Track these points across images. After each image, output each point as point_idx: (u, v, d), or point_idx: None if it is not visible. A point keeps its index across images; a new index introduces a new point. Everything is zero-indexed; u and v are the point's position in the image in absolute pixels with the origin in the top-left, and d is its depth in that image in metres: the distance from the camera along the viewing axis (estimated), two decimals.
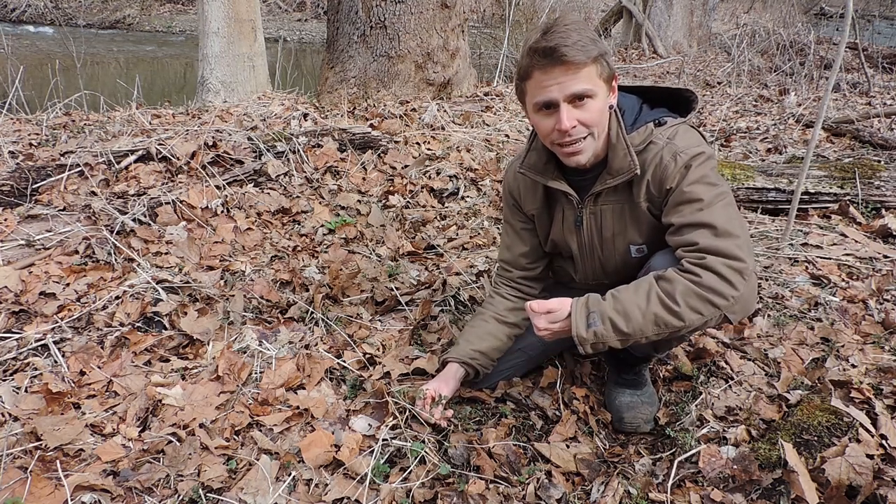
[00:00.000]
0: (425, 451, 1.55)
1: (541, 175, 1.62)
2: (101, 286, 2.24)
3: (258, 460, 1.53)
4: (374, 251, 2.74)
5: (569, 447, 1.64)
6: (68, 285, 2.21)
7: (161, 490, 1.46)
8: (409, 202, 3.24)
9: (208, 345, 2.00)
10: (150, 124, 3.63)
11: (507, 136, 4.04)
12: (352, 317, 2.19)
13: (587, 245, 1.67)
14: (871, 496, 1.33)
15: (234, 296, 2.24)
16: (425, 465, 1.53)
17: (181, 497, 1.44)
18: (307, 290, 2.36)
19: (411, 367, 1.90)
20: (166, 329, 2.06)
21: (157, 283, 2.21)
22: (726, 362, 1.88)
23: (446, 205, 3.27)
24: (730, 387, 1.78)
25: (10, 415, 1.64)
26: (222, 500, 1.44)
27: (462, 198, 3.32)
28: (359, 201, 3.16)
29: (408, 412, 1.65)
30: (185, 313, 2.10)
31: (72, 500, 1.40)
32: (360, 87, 4.62)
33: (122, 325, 2.04)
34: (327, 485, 1.49)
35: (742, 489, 1.44)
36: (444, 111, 4.29)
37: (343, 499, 1.46)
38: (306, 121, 3.81)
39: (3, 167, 2.75)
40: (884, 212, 2.96)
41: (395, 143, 3.71)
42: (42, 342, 1.93)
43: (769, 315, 2.09)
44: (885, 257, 2.47)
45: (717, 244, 1.37)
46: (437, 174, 3.45)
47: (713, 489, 1.44)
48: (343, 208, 3.11)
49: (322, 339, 2.05)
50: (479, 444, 1.61)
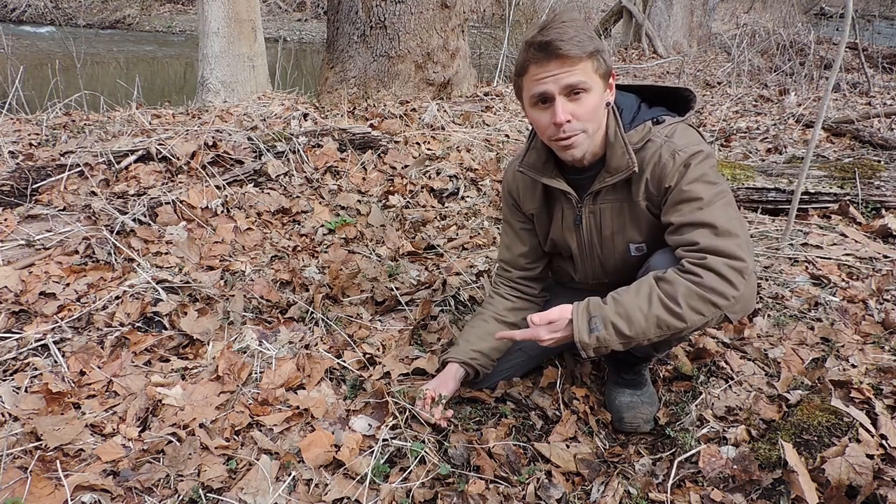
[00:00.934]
0: (425, 451, 1.55)
1: (540, 174, 1.62)
2: (101, 286, 2.24)
3: (258, 460, 1.53)
4: (374, 251, 2.74)
5: (569, 447, 1.64)
6: (68, 285, 2.21)
7: (161, 490, 1.46)
8: (409, 202, 3.24)
9: (208, 345, 2.00)
10: (150, 124, 3.63)
11: (507, 136, 4.04)
12: (352, 317, 2.19)
13: (586, 244, 1.67)
14: (871, 496, 1.33)
15: (234, 296, 2.24)
16: (425, 465, 1.53)
17: (181, 497, 1.44)
18: (307, 290, 2.36)
19: (411, 367, 1.90)
20: (166, 329, 2.06)
21: (157, 283, 2.21)
22: (726, 362, 1.88)
23: (446, 205, 3.27)
24: (730, 387, 1.78)
25: (10, 415, 1.64)
26: (222, 500, 1.44)
27: (462, 198, 3.32)
28: (359, 201, 3.16)
29: (408, 412, 1.65)
30: (185, 313, 2.10)
31: (72, 500, 1.40)
32: (360, 87, 4.62)
33: (122, 325, 2.04)
34: (327, 485, 1.49)
35: (742, 489, 1.44)
36: (444, 111, 4.29)
37: (343, 499, 1.46)
38: (306, 121, 3.81)
39: (3, 167, 2.75)
40: (884, 212, 2.96)
41: (395, 143, 3.71)
42: (42, 342, 1.93)
43: (769, 315, 2.09)
44: (885, 257, 2.47)
45: (717, 244, 1.37)
46: (437, 174, 3.45)
47: (713, 489, 1.44)
48: (343, 208, 3.11)
49: (322, 339, 2.05)
50: (479, 444, 1.61)
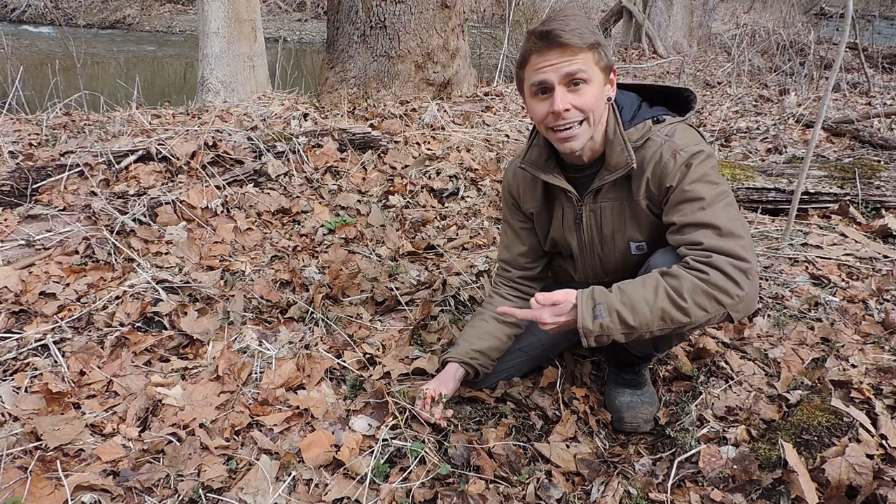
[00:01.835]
0: (425, 451, 1.55)
1: (541, 171, 1.62)
2: (101, 286, 2.24)
3: (258, 460, 1.53)
4: (374, 251, 2.74)
5: (569, 447, 1.64)
6: (68, 285, 2.21)
7: (161, 490, 1.46)
8: (409, 202, 3.24)
9: (208, 345, 2.00)
10: (150, 124, 3.63)
11: (507, 136, 4.04)
12: (352, 317, 2.19)
13: (587, 243, 1.67)
14: (871, 496, 1.33)
15: (234, 296, 2.24)
16: (425, 465, 1.53)
17: (181, 497, 1.44)
18: (307, 290, 2.36)
19: (411, 367, 1.90)
20: (166, 329, 2.06)
21: (157, 283, 2.21)
22: (726, 362, 1.88)
23: (446, 205, 3.27)
24: (730, 387, 1.78)
25: (10, 415, 1.64)
26: (222, 500, 1.44)
27: (462, 198, 3.32)
28: (359, 201, 3.16)
29: (408, 412, 1.65)
30: (185, 313, 2.10)
31: (72, 500, 1.40)
32: (360, 87, 4.62)
33: (122, 325, 2.04)
34: (327, 485, 1.49)
35: (742, 489, 1.44)
36: (444, 111, 4.29)
37: (343, 499, 1.46)
38: (306, 121, 3.81)
39: (3, 167, 2.75)
40: (884, 212, 2.96)
41: (395, 143, 3.71)
42: (42, 342, 1.93)
43: (769, 315, 2.09)
44: (885, 257, 2.47)
45: (721, 244, 1.38)
46: (437, 174, 3.45)
47: (713, 489, 1.44)
48: (343, 208, 3.11)
49: (322, 339, 2.05)
50: (479, 444, 1.61)
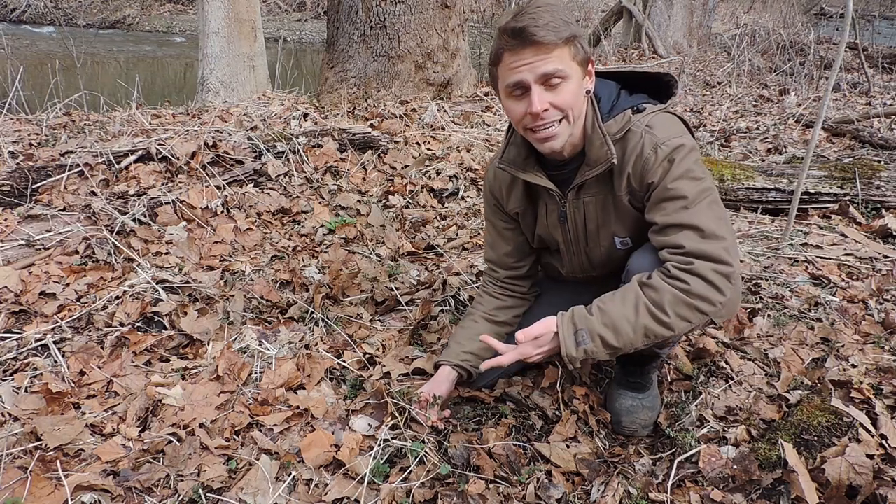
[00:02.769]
0: (425, 451, 1.55)
1: (521, 170, 1.57)
2: (101, 286, 2.24)
3: (258, 460, 1.53)
4: (374, 251, 2.74)
5: (569, 447, 1.64)
6: (68, 285, 2.21)
7: (161, 490, 1.46)
8: (409, 202, 3.24)
9: (208, 345, 2.00)
10: (150, 124, 3.63)
11: None
12: (352, 317, 2.19)
13: (572, 239, 1.65)
14: (871, 496, 1.33)
15: (234, 296, 2.24)
16: (425, 465, 1.53)
17: (181, 497, 1.44)
18: (307, 290, 2.36)
19: (411, 367, 1.90)
20: (166, 329, 2.06)
21: (157, 283, 2.21)
22: (726, 362, 1.88)
23: (446, 205, 3.27)
24: (730, 387, 1.78)
25: (10, 415, 1.64)
26: (222, 500, 1.44)
27: (462, 198, 3.32)
28: (359, 201, 3.16)
29: (407, 412, 1.65)
30: (185, 313, 2.10)
31: (72, 500, 1.40)
32: (360, 87, 4.62)
33: (122, 325, 2.04)
34: (327, 485, 1.49)
35: (742, 489, 1.44)
36: (444, 111, 4.29)
37: (343, 499, 1.46)
38: (306, 121, 3.81)
39: (3, 167, 2.75)
40: (884, 212, 2.96)
41: (395, 143, 3.71)
42: (42, 342, 1.93)
43: (769, 315, 2.09)
44: (885, 257, 2.47)
45: (704, 248, 1.34)
46: (437, 174, 3.45)
47: (713, 489, 1.44)
48: (343, 208, 3.11)
49: (322, 339, 2.05)
50: (479, 444, 1.61)
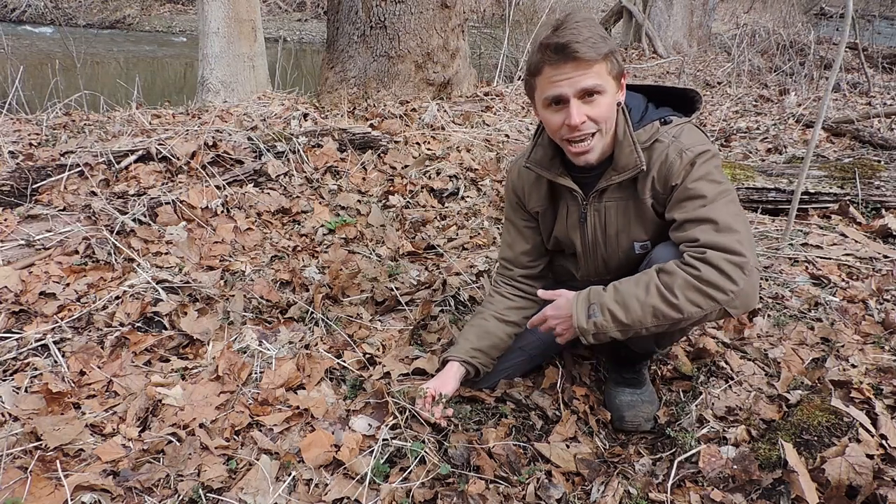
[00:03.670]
0: (425, 451, 1.55)
1: (546, 170, 1.64)
2: (101, 286, 2.24)
3: (258, 460, 1.53)
4: (374, 251, 2.74)
5: (569, 447, 1.64)
6: (68, 285, 2.21)
7: (161, 490, 1.46)
8: (409, 202, 3.24)
9: (208, 345, 2.00)
10: (150, 124, 3.63)
11: (507, 136, 4.04)
12: (352, 317, 2.19)
13: (590, 242, 1.67)
14: (871, 496, 1.33)
15: (234, 296, 2.24)
16: (425, 465, 1.53)
17: (181, 497, 1.44)
18: (307, 290, 2.36)
19: (411, 367, 1.90)
20: (166, 329, 2.06)
21: (157, 283, 2.21)
22: (726, 362, 1.88)
23: (446, 205, 3.27)
24: (730, 387, 1.78)
25: (10, 415, 1.64)
26: (222, 500, 1.44)
27: (462, 198, 3.32)
28: (359, 201, 3.16)
29: (408, 412, 1.65)
30: (185, 313, 2.10)
31: (72, 500, 1.40)
32: (360, 87, 4.62)
33: (122, 325, 2.04)
34: (327, 485, 1.49)
35: (742, 489, 1.44)
36: (444, 111, 4.29)
37: (343, 499, 1.46)
38: (306, 121, 3.81)
39: (3, 167, 2.75)
40: (884, 212, 2.96)
41: (395, 143, 3.71)
42: (42, 342, 1.93)
43: (769, 315, 2.09)
44: (885, 257, 2.47)
45: (717, 239, 1.39)
46: (437, 174, 3.45)
47: (713, 489, 1.44)
48: (343, 208, 3.11)
49: (322, 339, 2.05)
50: (479, 444, 1.61)
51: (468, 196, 3.33)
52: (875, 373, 1.73)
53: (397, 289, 2.35)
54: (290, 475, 1.50)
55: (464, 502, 1.44)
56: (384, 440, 1.59)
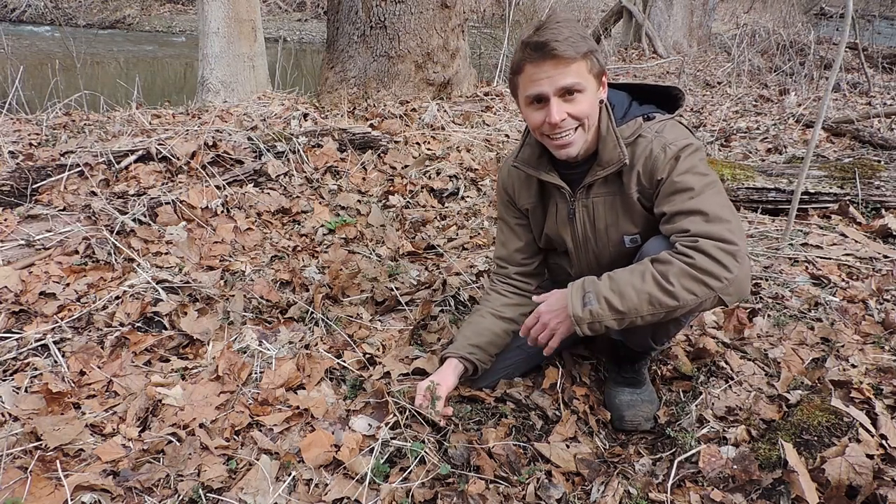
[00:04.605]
0: (425, 451, 1.55)
1: (534, 169, 1.66)
2: (101, 286, 2.24)
3: (258, 460, 1.53)
4: (374, 251, 2.74)
5: (569, 447, 1.64)
6: (68, 285, 2.21)
7: (161, 490, 1.46)
8: (409, 202, 3.24)
9: (208, 345, 2.00)
10: (150, 124, 3.63)
11: (507, 136, 4.04)
12: (352, 317, 2.19)
13: (581, 237, 1.69)
14: (871, 496, 1.33)
15: (234, 296, 2.24)
16: (425, 465, 1.53)
17: (181, 497, 1.44)
18: (307, 290, 2.36)
19: (411, 367, 1.90)
20: (166, 329, 2.06)
21: (157, 283, 2.21)
22: (726, 362, 1.88)
23: (446, 205, 3.27)
24: (730, 387, 1.78)
25: (10, 415, 1.64)
26: (222, 500, 1.44)
27: (462, 198, 3.33)
28: (359, 201, 3.16)
29: (408, 412, 1.65)
30: (185, 313, 2.10)
31: (72, 500, 1.40)
32: (360, 87, 4.62)
33: (122, 325, 2.04)
34: (327, 485, 1.49)
35: (742, 489, 1.44)
36: (444, 111, 4.29)
37: (343, 499, 1.46)
38: (306, 121, 3.81)
39: (3, 167, 2.75)
40: (884, 212, 2.96)
41: (395, 143, 3.71)
42: (42, 342, 1.93)
43: (769, 315, 2.09)
44: (885, 257, 2.47)
45: (708, 229, 1.40)
46: (437, 174, 3.45)
47: (713, 489, 1.44)
48: (343, 208, 3.11)
49: (322, 339, 2.05)
50: (479, 444, 1.61)
51: (468, 196, 3.33)
52: (875, 373, 1.73)
53: (397, 289, 2.35)
54: (290, 475, 1.50)
55: (464, 502, 1.44)
56: (384, 440, 1.59)
